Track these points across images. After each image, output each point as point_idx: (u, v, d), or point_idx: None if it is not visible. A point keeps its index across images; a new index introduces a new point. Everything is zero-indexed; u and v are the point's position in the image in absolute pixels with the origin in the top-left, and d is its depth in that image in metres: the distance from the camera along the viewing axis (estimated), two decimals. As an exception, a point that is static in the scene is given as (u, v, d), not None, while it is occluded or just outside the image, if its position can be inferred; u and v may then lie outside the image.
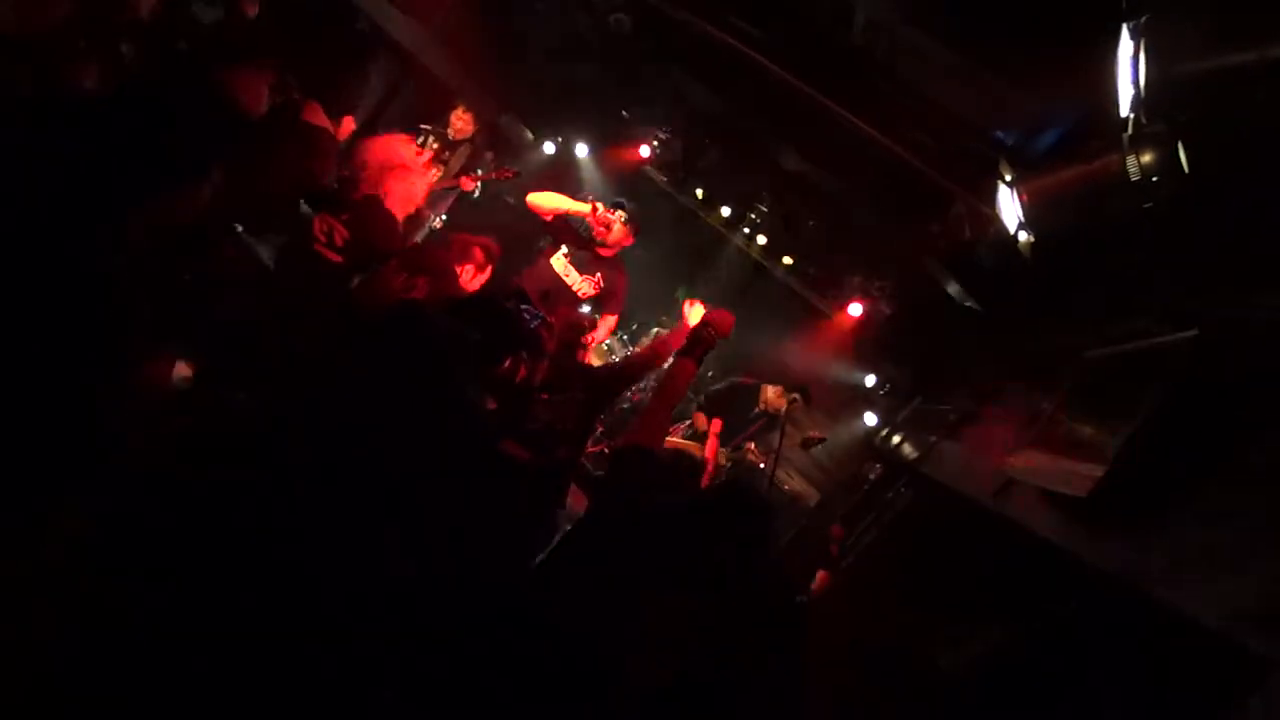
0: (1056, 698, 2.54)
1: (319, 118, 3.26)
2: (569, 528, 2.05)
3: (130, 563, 1.32)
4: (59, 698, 1.21)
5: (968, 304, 4.06)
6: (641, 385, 6.09)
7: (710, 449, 5.06)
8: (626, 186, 6.79)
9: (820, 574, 3.47)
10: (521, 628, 1.50)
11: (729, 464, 5.13)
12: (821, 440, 5.33)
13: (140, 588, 1.30)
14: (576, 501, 3.21)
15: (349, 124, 4.53)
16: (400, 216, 3.15)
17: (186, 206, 1.84)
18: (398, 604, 1.42)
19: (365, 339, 1.88)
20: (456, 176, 5.52)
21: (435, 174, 5.48)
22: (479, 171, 5.48)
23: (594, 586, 1.62)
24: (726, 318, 2.49)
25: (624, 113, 6.97)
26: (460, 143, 5.59)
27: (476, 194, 5.41)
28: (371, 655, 1.35)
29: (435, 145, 5.55)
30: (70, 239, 1.48)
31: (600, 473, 4.42)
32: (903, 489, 4.42)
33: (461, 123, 5.55)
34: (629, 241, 4.39)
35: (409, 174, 3.17)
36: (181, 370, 2.19)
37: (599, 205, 4.24)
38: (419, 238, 5.23)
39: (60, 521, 1.33)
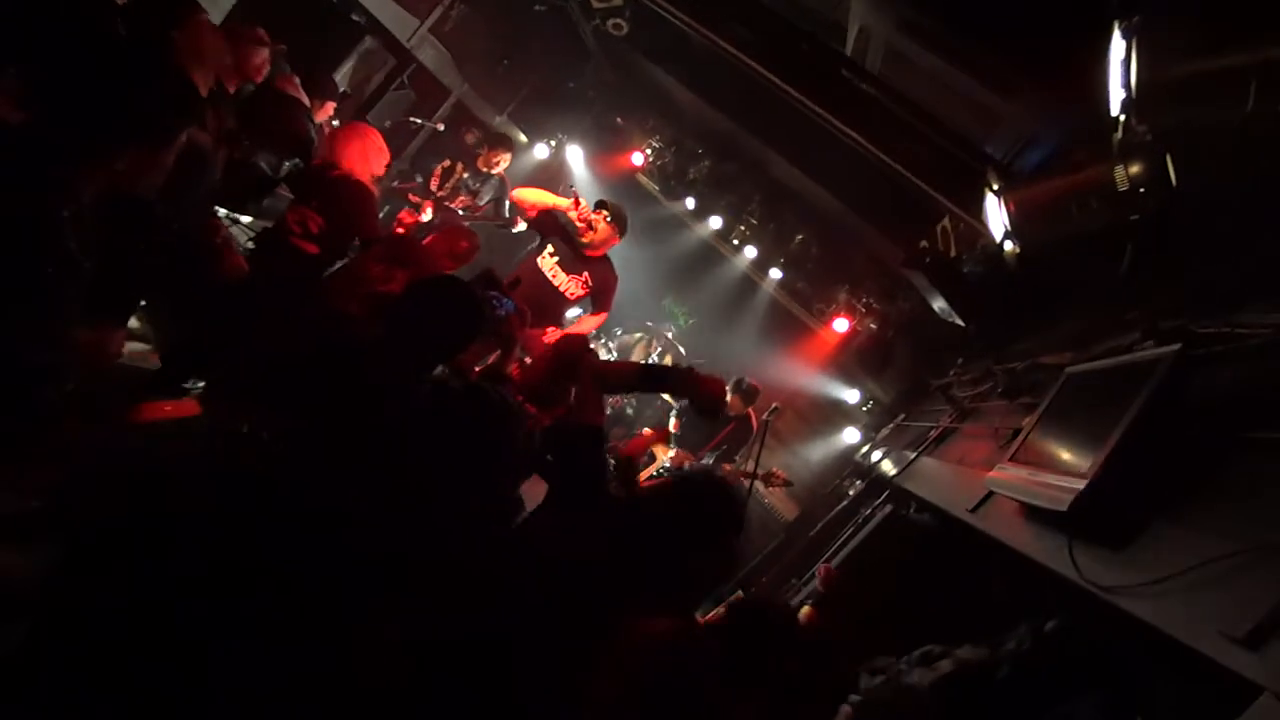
0: (1033, 717, 2.47)
1: (294, 89, 3.19)
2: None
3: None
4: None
5: (952, 320, 4.04)
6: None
7: (634, 445, 5.08)
8: (618, 193, 6.79)
9: (807, 611, 3.36)
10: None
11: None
12: (787, 484, 5.00)
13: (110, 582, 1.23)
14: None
15: (329, 109, 4.46)
16: (363, 177, 3.08)
17: (148, 170, 1.76)
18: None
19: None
20: (486, 204, 5.53)
21: (463, 202, 5.50)
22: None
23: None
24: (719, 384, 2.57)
25: (618, 120, 6.98)
26: (491, 175, 5.58)
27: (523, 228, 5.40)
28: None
29: (465, 174, 5.54)
30: (13, 185, 1.40)
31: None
32: (882, 504, 4.36)
33: (498, 160, 5.55)
34: (615, 241, 4.30)
35: (366, 136, 3.12)
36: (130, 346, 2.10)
37: (581, 199, 4.17)
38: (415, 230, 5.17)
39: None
